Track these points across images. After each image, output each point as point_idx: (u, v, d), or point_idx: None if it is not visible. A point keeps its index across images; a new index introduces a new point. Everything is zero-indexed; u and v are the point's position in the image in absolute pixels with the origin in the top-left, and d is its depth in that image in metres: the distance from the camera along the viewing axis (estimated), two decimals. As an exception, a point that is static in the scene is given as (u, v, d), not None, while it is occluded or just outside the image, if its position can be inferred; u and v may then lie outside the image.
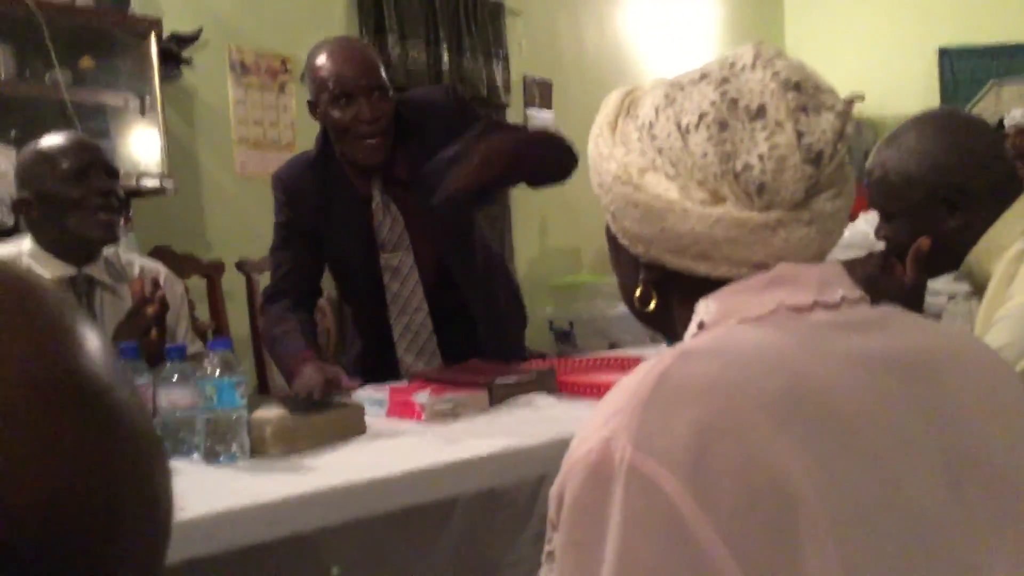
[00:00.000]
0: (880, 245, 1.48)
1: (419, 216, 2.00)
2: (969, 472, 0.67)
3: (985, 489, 0.67)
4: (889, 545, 0.62)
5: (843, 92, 0.74)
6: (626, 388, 0.65)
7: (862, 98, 0.74)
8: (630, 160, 0.76)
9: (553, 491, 0.66)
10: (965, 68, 5.96)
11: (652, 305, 0.79)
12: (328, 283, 2.24)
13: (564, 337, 4.26)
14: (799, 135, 0.69)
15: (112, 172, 1.89)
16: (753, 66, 0.72)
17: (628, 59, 5.38)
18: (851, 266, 1.34)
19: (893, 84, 5.72)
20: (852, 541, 0.60)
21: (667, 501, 0.59)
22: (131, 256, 2.05)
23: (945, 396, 0.69)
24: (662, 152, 0.74)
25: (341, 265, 2.11)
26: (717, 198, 0.71)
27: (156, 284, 1.80)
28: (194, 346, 1.99)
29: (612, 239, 0.81)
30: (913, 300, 1.40)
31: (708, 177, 0.71)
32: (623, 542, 0.60)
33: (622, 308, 3.23)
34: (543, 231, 4.83)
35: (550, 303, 4.56)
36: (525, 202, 4.67)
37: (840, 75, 1.79)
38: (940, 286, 3.43)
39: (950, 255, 1.39)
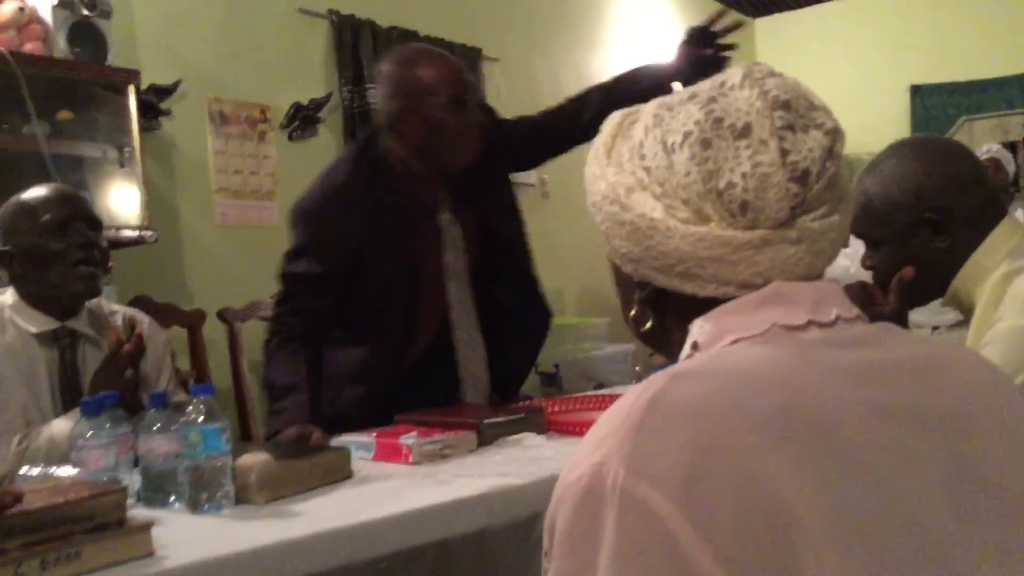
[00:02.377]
0: (866, 275, 1.48)
1: (475, 240, 2.04)
2: (970, 486, 0.65)
3: (987, 503, 0.65)
4: (891, 564, 0.60)
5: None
6: (617, 412, 0.64)
7: None
8: (619, 180, 0.76)
9: (546, 520, 0.65)
10: (936, 104, 6.06)
11: (648, 325, 0.78)
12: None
13: (550, 379, 4.24)
14: (784, 153, 0.69)
15: (95, 224, 1.88)
16: (741, 85, 0.72)
17: (606, 102, 5.43)
18: None
19: (866, 121, 5.80)
20: (852, 560, 0.59)
21: (661, 525, 0.57)
22: (114, 307, 2.03)
23: (944, 407, 0.68)
24: (650, 171, 0.74)
25: (379, 292, 1.97)
26: (701, 217, 0.71)
27: (132, 326, 1.78)
28: (177, 397, 1.95)
29: (609, 258, 0.81)
30: None
31: (692, 196, 0.71)
32: (617, 567, 0.58)
33: (607, 349, 3.29)
34: (526, 274, 4.82)
35: (535, 346, 4.53)
36: (507, 246, 4.67)
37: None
38: (923, 318, 3.44)
39: (936, 280, 1.40)
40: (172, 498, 1.34)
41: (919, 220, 1.37)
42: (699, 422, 0.61)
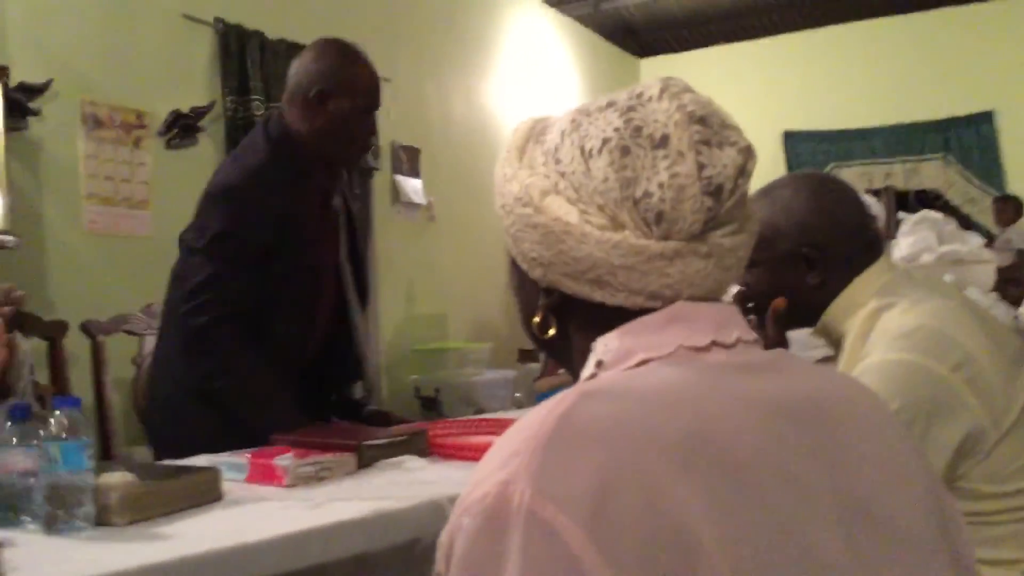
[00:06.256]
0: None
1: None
2: (860, 518, 0.66)
3: (875, 535, 0.67)
4: None
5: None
6: (525, 429, 0.62)
7: None
8: (532, 182, 0.74)
9: (442, 539, 0.62)
10: (807, 150, 6.38)
11: (551, 332, 0.77)
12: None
13: (430, 403, 4.21)
14: (700, 167, 0.69)
15: None
16: (660, 97, 0.72)
17: (493, 128, 5.48)
18: None
19: (743, 163, 6.05)
20: None
21: (567, 549, 0.56)
22: None
23: (836, 441, 0.69)
24: (565, 176, 0.73)
25: (295, 277, 1.98)
26: (616, 224, 0.71)
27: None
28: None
29: (513, 263, 0.79)
30: None
31: (608, 202, 0.70)
32: None
33: (489, 375, 3.34)
34: (409, 297, 4.79)
35: (416, 369, 4.50)
36: (391, 268, 4.63)
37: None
38: (793, 351, 3.59)
39: (804, 311, 1.45)
40: (26, 518, 1.25)
41: (796, 253, 1.42)
42: (609, 444, 0.60)
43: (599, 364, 0.71)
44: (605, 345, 0.71)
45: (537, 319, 0.77)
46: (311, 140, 1.99)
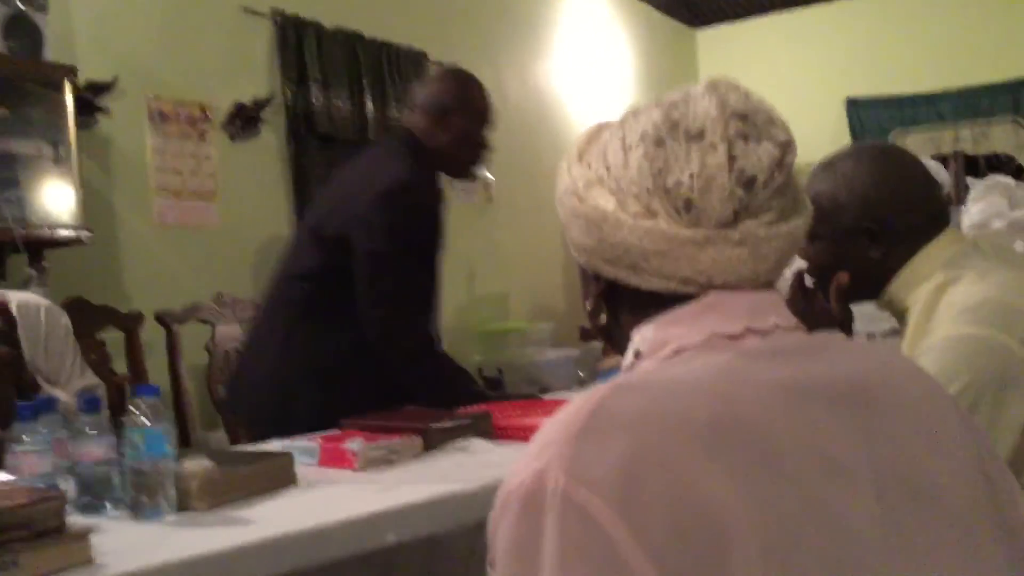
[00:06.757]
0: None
1: None
2: (902, 494, 0.68)
3: (918, 510, 0.68)
4: (819, 567, 0.62)
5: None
6: (559, 421, 0.66)
7: None
8: (581, 175, 0.79)
9: (489, 527, 0.66)
10: (871, 117, 6.22)
11: (603, 318, 0.81)
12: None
13: (494, 384, 4.24)
14: (732, 158, 0.72)
15: None
16: (704, 95, 0.75)
17: (549, 108, 5.47)
18: None
19: (805, 132, 5.84)
20: (782, 566, 0.61)
21: (600, 529, 0.59)
22: (9, 294, 2.05)
23: (877, 420, 0.70)
24: (609, 169, 0.77)
25: (435, 278, 2.25)
26: (650, 212, 0.74)
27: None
28: (84, 379, 2.03)
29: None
30: (843, 332, 1.44)
31: (642, 192, 0.74)
32: (561, 571, 0.60)
33: (551, 354, 3.41)
34: (471, 278, 4.83)
35: (479, 350, 4.54)
36: (452, 250, 4.65)
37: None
38: (859, 326, 3.53)
39: (867, 284, 1.43)
40: (108, 505, 1.31)
41: (858, 227, 1.40)
42: (637, 431, 0.63)
43: (637, 354, 0.75)
44: (642, 336, 0.75)
45: (589, 306, 0.82)
46: (437, 151, 2.23)
